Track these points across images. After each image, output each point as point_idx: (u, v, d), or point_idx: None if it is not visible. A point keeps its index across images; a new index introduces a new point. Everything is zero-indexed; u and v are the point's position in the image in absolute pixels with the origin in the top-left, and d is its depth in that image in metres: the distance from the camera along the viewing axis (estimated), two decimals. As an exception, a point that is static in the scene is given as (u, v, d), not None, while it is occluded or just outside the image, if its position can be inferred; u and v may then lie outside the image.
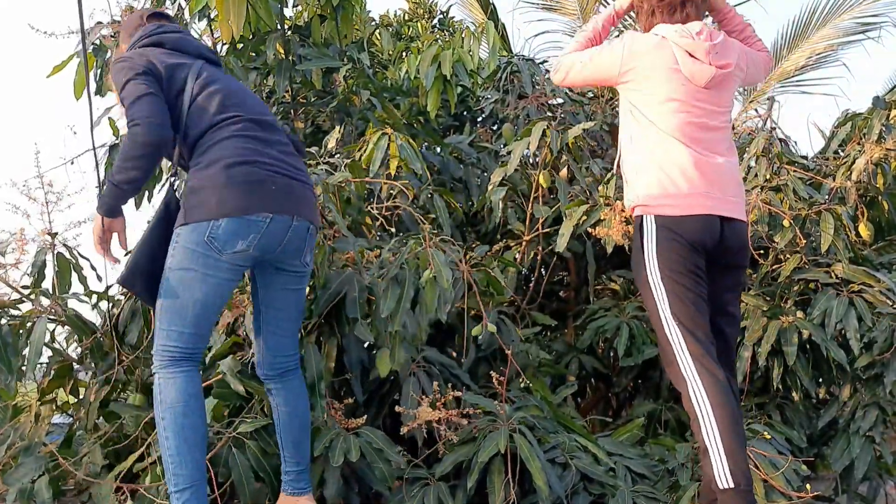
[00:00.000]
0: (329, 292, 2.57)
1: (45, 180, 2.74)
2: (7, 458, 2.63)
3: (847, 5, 7.90)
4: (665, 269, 2.11)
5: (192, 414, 2.02)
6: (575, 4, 8.19)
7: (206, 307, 2.02)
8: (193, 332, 2.03)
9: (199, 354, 2.10)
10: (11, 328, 2.56)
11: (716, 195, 2.15)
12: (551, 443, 2.68)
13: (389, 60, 5.01)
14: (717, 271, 2.20)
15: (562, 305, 4.03)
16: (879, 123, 3.55)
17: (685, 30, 2.23)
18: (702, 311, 2.09)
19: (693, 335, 2.06)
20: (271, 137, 2.12)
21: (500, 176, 3.51)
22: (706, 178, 2.15)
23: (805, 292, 3.28)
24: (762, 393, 3.33)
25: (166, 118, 2.03)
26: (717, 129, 2.23)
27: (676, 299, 2.08)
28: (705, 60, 2.20)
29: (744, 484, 1.94)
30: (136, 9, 3.40)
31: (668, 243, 2.12)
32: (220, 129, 2.07)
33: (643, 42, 2.26)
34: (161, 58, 2.11)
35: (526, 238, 3.58)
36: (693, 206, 2.13)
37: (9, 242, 2.68)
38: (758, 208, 3.25)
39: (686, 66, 2.20)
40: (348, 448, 2.36)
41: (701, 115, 2.20)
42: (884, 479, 3.28)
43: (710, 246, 2.14)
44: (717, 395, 1.99)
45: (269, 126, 2.14)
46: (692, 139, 2.18)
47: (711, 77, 2.21)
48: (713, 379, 2.02)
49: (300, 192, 2.09)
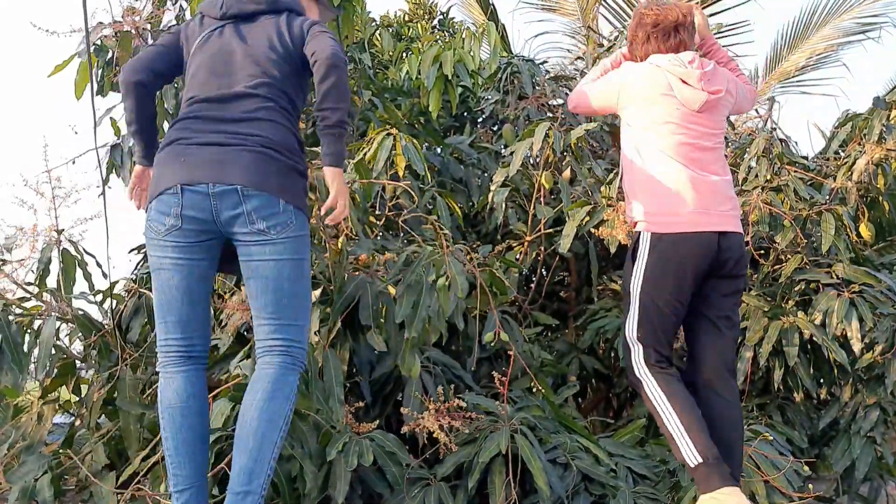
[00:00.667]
0: (344, 297, 2.58)
1: (52, 176, 2.75)
2: (9, 456, 2.63)
3: (847, 5, 7.92)
4: (647, 285, 2.28)
5: (191, 415, 2.01)
6: (575, 5, 8.20)
7: (179, 290, 2.01)
8: (176, 321, 2.03)
9: (198, 350, 2.08)
10: (19, 327, 2.56)
11: (712, 212, 2.29)
12: (553, 443, 2.68)
13: (390, 61, 5.01)
14: (717, 280, 2.34)
15: (562, 306, 4.04)
16: (880, 124, 3.55)
17: (678, 59, 2.40)
18: (668, 327, 2.30)
19: (651, 348, 2.28)
20: (221, 114, 2.03)
21: (503, 176, 3.51)
22: (702, 196, 2.29)
23: (806, 293, 3.29)
24: (763, 393, 3.33)
25: (141, 64, 2.14)
26: (712, 150, 2.37)
27: (644, 316, 2.29)
28: (697, 86, 2.35)
29: (711, 457, 2.11)
30: (138, 9, 3.40)
31: (660, 263, 2.28)
32: (178, 115, 2.12)
33: (638, 72, 2.43)
34: (192, 26, 2.21)
35: (528, 238, 3.59)
36: (691, 224, 2.27)
37: (15, 239, 2.69)
38: (758, 208, 3.25)
39: (680, 91, 2.35)
40: (361, 452, 2.36)
41: (696, 136, 2.34)
42: (885, 479, 3.28)
43: (707, 262, 2.27)
44: (670, 386, 2.22)
45: (228, 99, 2.05)
46: (688, 159, 2.32)
47: (704, 102, 2.36)
48: (665, 376, 2.24)
49: (222, 156, 1.96)
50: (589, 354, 3.63)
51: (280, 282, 1.99)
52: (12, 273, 2.67)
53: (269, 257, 1.98)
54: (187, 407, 2.01)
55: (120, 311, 2.81)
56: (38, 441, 2.67)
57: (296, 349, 2.02)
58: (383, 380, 2.83)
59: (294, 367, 2.01)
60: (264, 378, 1.97)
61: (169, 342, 2.05)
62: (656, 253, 2.29)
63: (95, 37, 3.34)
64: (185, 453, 1.99)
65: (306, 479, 2.29)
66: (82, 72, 3.38)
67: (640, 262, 2.31)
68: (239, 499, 1.86)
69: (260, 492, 1.87)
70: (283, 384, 1.97)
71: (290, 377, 1.99)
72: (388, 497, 2.44)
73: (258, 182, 1.96)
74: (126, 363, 2.69)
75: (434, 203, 3.32)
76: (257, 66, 2.07)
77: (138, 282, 2.99)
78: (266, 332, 2.01)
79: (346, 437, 2.40)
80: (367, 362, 2.69)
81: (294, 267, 2.01)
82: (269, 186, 1.96)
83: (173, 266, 2.01)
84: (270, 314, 2.00)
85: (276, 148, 2.01)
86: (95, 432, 2.73)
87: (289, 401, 1.97)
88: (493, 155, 4.11)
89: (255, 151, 1.98)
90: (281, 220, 1.98)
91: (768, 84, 8.45)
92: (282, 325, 2.01)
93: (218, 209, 1.96)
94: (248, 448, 1.89)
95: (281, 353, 2.00)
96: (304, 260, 2.05)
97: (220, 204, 1.95)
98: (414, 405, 2.61)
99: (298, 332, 2.03)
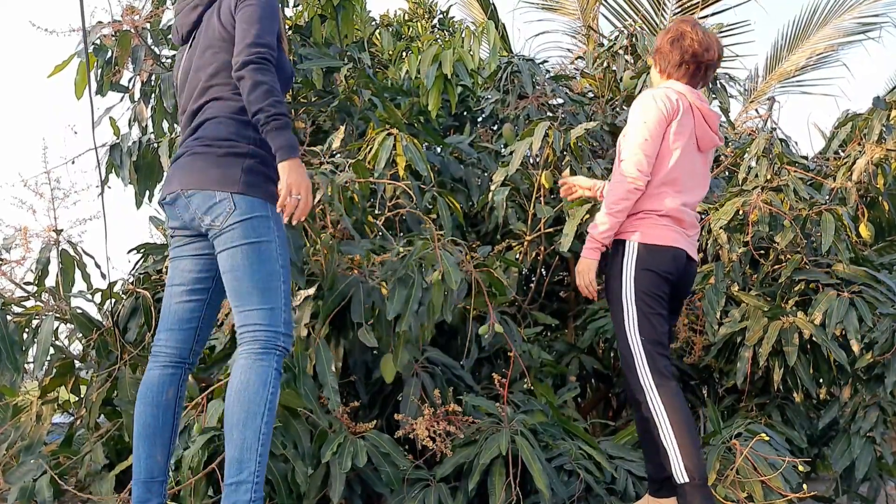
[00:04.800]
0: (335, 295, 2.56)
1: (51, 176, 2.75)
2: (8, 456, 2.63)
3: (847, 5, 7.91)
4: (639, 290, 2.35)
5: (142, 406, 2.06)
6: (575, 4, 8.19)
7: (168, 290, 2.15)
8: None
9: (166, 349, 2.11)
10: (17, 326, 2.56)
11: (689, 234, 2.45)
12: (559, 450, 2.68)
13: (390, 60, 5.00)
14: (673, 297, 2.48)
15: (562, 305, 4.03)
16: (880, 124, 3.55)
17: (702, 96, 2.47)
18: (662, 328, 2.36)
19: (653, 349, 2.32)
20: (193, 124, 2.11)
21: (503, 176, 3.50)
22: (686, 220, 2.43)
23: (806, 293, 3.28)
24: (763, 393, 3.33)
25: None
26: (699, 186, 2.50)
27: (644, 318, 2.34)
28: (714, 130, 2.47)
29: (698, 478, 2.20)
30: (137, 9, 3.40)
31: (645, 270, 2.36)
32: None
33: (673, 101, 2.40)
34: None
35: (528, 238, 3.58)
36: (672, 239, 2.39)
37: (14, 238, 2.69)
38: (758, 209, 3.24)
39: (699, 128, 2.44)
40: (356, 453, 2.35)
41: (692, 171, 2.45)
42: (884, 479, 3.28)
43: (675, 277, 2.40)
44: (672, 401, 2.26)
45: (195, 112, 2.12)
46: (683, 191, 2.43)
47: (714, 146, 2.51)
48: (668, 388, 2.28)
49: (172, 170, 2.10)
50: (588, 354, 3.63)
51: (237, 270, 1.98)
52: (10, 272, 2.66)
53: (223, 247, 2.00)
54: (141, 399, 2.09)
55: (118, 310, 2.81)
56: (38, 441, 2.67)
57: (263, 333, 1.97)
58: (381, 381, 2.82)
59: (266, 351, 1.96)
60: (237, 369, 1.96)
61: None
62: (640, 262, 2.37)
63: (94, 36, 3.33)
64: (137, 445, 2.04)
65: (298, 481, 2.30)
66: (82, 72, 3.38)
67: (628, 271, 2.38)
68: (232, 489, 1.86)
69: (253, 480, 1.86)
70: (256, 370, 1.93)
71: (263, 362, 1.95)
72: (388, 497, 2.44)
73: (192, 182, 2.02)
74: (125, 363, 2.69)
75: (434, 203, 3.32)
76: (204, 71, 2.11)
77: (136, 282, 2.98)
78: (237, 321, 2.01)
79: (341, 437, 2.39)
80: (361, 363, 2.69)
81: (250, 251, 1.98)
82: (201, 182, 2.01)
83: (172, 260, 2.18)
84: (235, 303, 2.00)
85: (207, 142, 2.04)
86: (94, 432, 2.73)
87: (265, 387, 1.93)
88: (493, 154, 4.11)
89: (190, 154, 2.06)
90: (222, 210, 1.98)
91: (768, 84, 8.44)
92: (247, 311, 1.98)
93: (190, 211, 2.04)
94: (233, 439, 1.89)
95: (249, 341, 1.97)
96: (263, 241, 2.00)
97: (185, 207, 2.05)
98: (411, 409, 2.60)
99: (266, 316, 1.98)
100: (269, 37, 2.00)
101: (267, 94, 1.93)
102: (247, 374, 1.93)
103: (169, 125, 3.58)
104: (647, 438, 2.39)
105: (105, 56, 3.40)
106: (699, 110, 2.42)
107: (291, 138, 1.96)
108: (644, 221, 2.39)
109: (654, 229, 2.37)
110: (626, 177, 2.35)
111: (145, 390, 2.06)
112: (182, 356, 2.10)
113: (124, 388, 2.63)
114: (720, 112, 2.47)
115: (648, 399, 2.28)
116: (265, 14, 2.03)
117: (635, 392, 2.33)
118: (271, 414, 1.93)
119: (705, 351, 3.40)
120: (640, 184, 2.35)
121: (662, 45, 2.48)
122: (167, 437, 2.04)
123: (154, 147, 3.64)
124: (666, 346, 2.36)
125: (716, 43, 2.46)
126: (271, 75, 1.96)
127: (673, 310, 2.50)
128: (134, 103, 3.59)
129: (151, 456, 2.01)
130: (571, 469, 2.62)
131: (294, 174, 1.94)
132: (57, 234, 2.77)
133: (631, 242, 2.39)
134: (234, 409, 1.90)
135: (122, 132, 3.69)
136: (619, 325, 2.37)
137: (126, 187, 3.65)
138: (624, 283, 2.37)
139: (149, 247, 3.13)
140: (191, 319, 2.11)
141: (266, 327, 1.97)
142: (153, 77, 3.46)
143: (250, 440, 1.88)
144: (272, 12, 2.06)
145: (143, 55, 3.36)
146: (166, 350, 2.10)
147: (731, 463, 2.55)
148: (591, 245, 2.43)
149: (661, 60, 2.49)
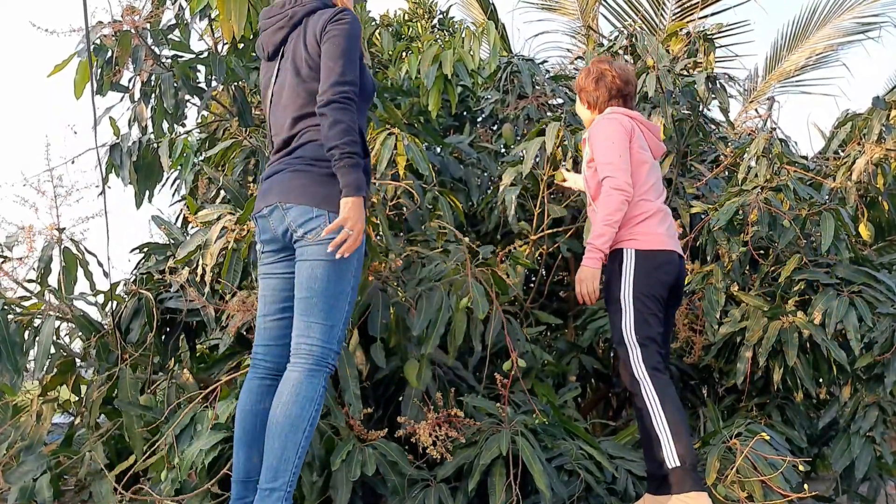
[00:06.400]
0: (360, 304, 2.62)
1: (53, 174, 2.75)
2: (8, 456, 2.63)
3: (847, 5, 7.92)
4: (638, 292, 2.55)
5: (242, 414, 2.21)
6: (575, 4, 8.20)
7: (261, 307, 2.25)
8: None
9: (265, 363, 2.22)
10: (18, 326, 2.56)
11: (673, 233, 2.68)
12: (560, 449, 2.68)
13: (390, 60, 5.00)
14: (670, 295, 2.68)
15: (562, 305, 4.04)
16: (879, 124, 3.55)
17: (640, 115, 2.79)
18: (657, 326, 2.55)
19: (649, 345, 2.50)
20: (291, 146, 2.21)
21: (513, 176, 3.52)
22: (668, 219, 2.68)
23: (805, 293, 3.29)
24: (763, 393, 3.34)
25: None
26: (663, 188, 2.78)
27: (640, 317, 2.53)
28: (658, 139, 2.80)
29: (689, 463, 2.36)
30: (137, 9, 3.39)
31: (643, 274, 2.56)
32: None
33: (624, 120, 2.69)
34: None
35: (533, 237, 3.59)
36: (664, 243, 2.62)
37: (16, 237, 2.69)
38: (758, 209, 3.25)
39: (651, 141, 2.77)
40: (364, 461, 2.38)
41: (657, 177, 2.73)
42: (884, 479, 3.28)
43: (672, 278, 2.61)
44: (664, 391, 2.44)
45: (292, 135, 2.22)
46: (658, 195, 2.70)
47: (664, 153, 2.90)
48: (661, 379, 2.46)
49: (269, 184, 2.21)
50: (588, 354, 3.64)
51: (313, 281, 2.09)
52: (12, 272, 2.66)
53: (307, 258, 2.11)
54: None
55: (120, 311, 2.81)
56: (38, 441, 2.67)
57: (319, 349, 2.08)
58: (386, 381, 2.83)
59: (318, 368, 2.07)
60: (289, 381, 2.07)
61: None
62: (638, 267, 2.58)
63: (95, 36, 3.33)
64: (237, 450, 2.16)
65: (303, 489, 2.33)
66: (82, 71, 3.38)
67: (627, 275, 2.58)
68: (266, 494, 1.99)
69: (286, 489, 1.99)
70: (307, 386, 2.05)
71: (314, 380, 2.06)
72: (389, 498, 2.44)
73: (292, 196, 2.14)
74: (126, 363, 2.69)
75: (435, 203, 3.32)
76: (297, 99, 2.21)
77: (139, 282, 2.98)
78: (296, 330, 2.11)
79: (350, 444, 2.41)
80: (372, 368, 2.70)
81: (331, 267, 2.09)
82: (302, 197, 2.12)
83: (261, 275, 2.28)
84: (300, 312, 2.11)
85: (309, 161, 2.16)
86: (95, 432, 2.73)
87: (311, 403, 2.04)
88: (493, 154, 4.11)
89: (291, 171, 2.17)
90: (318, 224, 2.09)
91: (768, 84, 8.45)
92: (310, 323, 2.09)
93: (275, 227, 2.17)
94: (273, 448, 2.01)
95: (304, 354, 2.08)
96: (345, 261, 2.09)
97: (272, 223, 2.17)
98: (412, 412, 2.61)
99: (325, 332, 2.09)
100: (351, 74, 2.13)
101: (344, 132, 2.05)
102: (297, 389, 2.04)
103: (169, 125, 3.58)
104: (647, 435, 2.47)
105: (105, 56, 3.40)
106: (642, 124, 2.75)
107: (361, 178, 2.08)
108: (637, 228, 2.61)
109: (648, 237, 2.60)
110: (616, 190, 2.57)
111: (245, 399, 2.17)
112: (279, 369, 2.18)
113: (125, 388, 2.64)
114: (658, 125, 2.90)
115: (643, 389, 2.45)
116: (349, 46, 2.14)
117: (630, 385, 2.49)
118: (312, 429, 2.05)
119: (705, 351, 3.40)
120: (629, 195, 2.59)
121: (587, 85, 2.80)
122: (262, 441, 2.11)
123: (154, 147, 3.64)
124: (660, 345, 2.54)
125: (632, 73, 2.81)
126: (350, 114, 2.08)
127: (671, 304, 2.70)
128: (134, 103, 3.59)
129: (249, 459, 2.13)
130: (572, 469, 2.62)
131: (354, 211, 2.06)
132: (59, 232, 2.77)
133: (628, 251, 2.59)
134: (280, 420, 2.02)
135: (122, 132, 3.69)
136: (616, 323, 2.56)
137: (126, 187, 3.65)
138: (623, 286, 2.56)
139: (151, 246, 3.13)
140: (286, 335, 2.19)
141: (323, 344, 2.08)
142: (153, 77, 3.45)
143: (289, 452, 2.01)
144: (355, 41, 2.16)
145: (144, 55, 3.36)
146: (265, 364, 2.21)
147: (731, 462, 2.56)
148: (592, 255, 2.60)
149: (588, 98, 2.81)
